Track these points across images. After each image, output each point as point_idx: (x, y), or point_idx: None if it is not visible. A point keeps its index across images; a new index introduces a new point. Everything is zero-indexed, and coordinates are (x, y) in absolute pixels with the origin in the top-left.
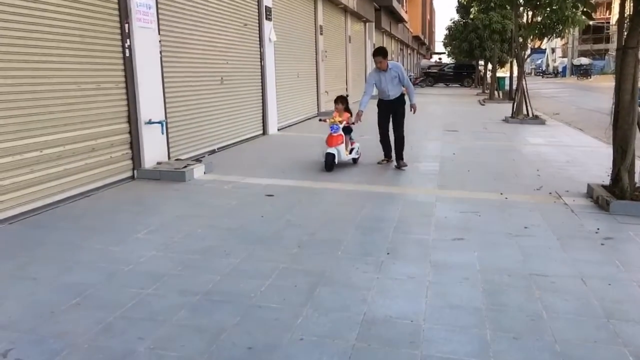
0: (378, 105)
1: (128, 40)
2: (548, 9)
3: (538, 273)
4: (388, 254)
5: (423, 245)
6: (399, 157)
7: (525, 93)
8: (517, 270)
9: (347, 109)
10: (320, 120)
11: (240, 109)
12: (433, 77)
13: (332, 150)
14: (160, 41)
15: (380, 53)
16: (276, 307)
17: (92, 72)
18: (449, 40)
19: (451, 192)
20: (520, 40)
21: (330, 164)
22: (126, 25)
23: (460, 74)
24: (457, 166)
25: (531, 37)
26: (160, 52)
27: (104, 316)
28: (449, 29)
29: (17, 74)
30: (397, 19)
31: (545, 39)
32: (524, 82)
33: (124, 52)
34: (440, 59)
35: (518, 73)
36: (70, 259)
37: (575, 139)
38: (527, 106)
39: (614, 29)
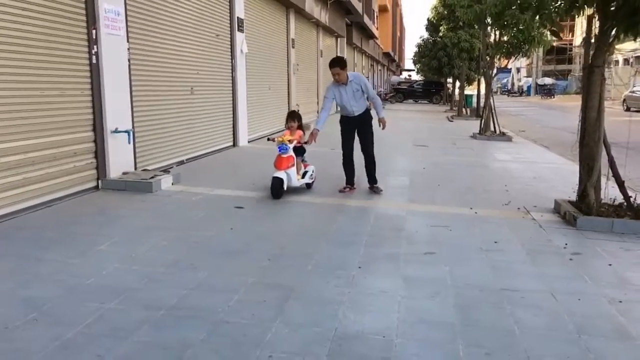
0: (340, 122)
1: (95, 47)
2: (515, 29)
3: (509, 288)
4: (359, 268)
5: (394, 260)
6: (372, 180)
7: (493, 110)
8: (488, 285)
9: (301, 127)
10: (268, 140)
11: (211, 120)
12: (403, 93)
13: (280, 174)
14: (128, 49)
15: (337, 63)
16: (245, 323)
17: (56, 78)
18: (418, 57)
19: (422, 206)
20: (488, 58)
21: (277, 190)
22: (93, 31)
23: (429, 91)
24: (427, 181)
25: (498, 56)
26: (129, 60)
27: (62, 332)
28: (419, 46)
29: None
30: (368, 35)
31: (513, 58)
32: (491, 100)
33: (90, 59)
34: (409, 75)
35: (486, 91)
36: (28, 272)
37: (540, 155)
38: (494, 123)
39: (576, 50)
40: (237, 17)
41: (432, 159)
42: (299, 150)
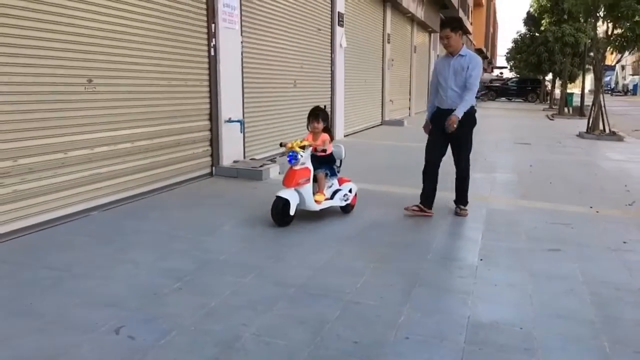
0: (431, 119)
1: (214, 40)
2: (630, 21)
3: None
4: (481, 260)
5: (517, 254)
6: (460, 200)
7: (603, 108)
8: (624, 284)
9: (327, 129)
10: (281, 145)
11: None
12: (495, 91)
13: (285, 193)
14: (242, 42)
15: (448, 24)
16: (375, 305)
17: (181, 69)
18: (514, 53)
19: (535, 203)
20: (600, 53)
21: (278, 215)
22: (212, 25)
23: (524, 89)
24: (536, 178)
25: (611, 50)
26: (242, 53)
27: (206, 301)
28: (515, 41)
29: (112, 67)
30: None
31: (626, 52)
32: (601, 97)
33: (209, 51)
34: (501, 73)
35: (595, 87)
36: (164, 247)
37: None
38: (603, 122)
39: None
40: (338, 12)
41: (537, 157)
42: (325, 161)
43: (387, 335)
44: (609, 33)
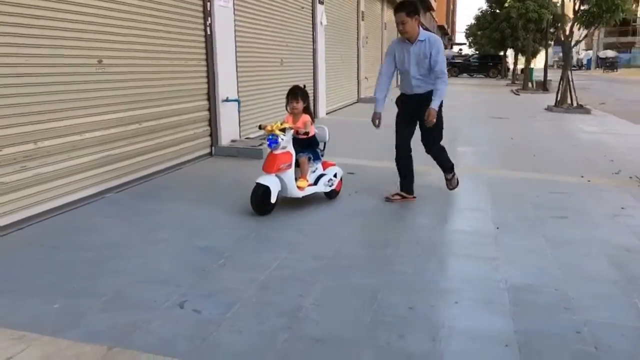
0: (396, 102)
1: (209, 19)
2: None
3: None
4: (497, 228)
5: (528, 222)
6: (445, 168)
7: (571, 82)
8: (635, 247)
9: (308, 109)
10: (260, 128)
11: None
12: (458, 67)
13: (265, 179)
14: (234, 20)
15: (403, 8)
16: (413, 273)
17: (181, 49)
18: (475, 29)
19: (529, 174)
20: (567, 29)
21: (257, 202)
22: (208, 4)
23: (486, 65)
24: (520, 150)
25: (578, 26)
26: (235, 32)
27: (255, 275)
28: (477, 18)
29: (118, 47)
30: (426, 6)
31: (593, 27)
32: (569, 72)
33: (205, 30)
34: (461, 49)
35: (564, 62)
36: (191, 225)
37: (628, 128)
38: (571, 95)
39: None
40: None
41: (516, 130)
42: (308, 144)
43: (437, 300)
44: (576, 9)
